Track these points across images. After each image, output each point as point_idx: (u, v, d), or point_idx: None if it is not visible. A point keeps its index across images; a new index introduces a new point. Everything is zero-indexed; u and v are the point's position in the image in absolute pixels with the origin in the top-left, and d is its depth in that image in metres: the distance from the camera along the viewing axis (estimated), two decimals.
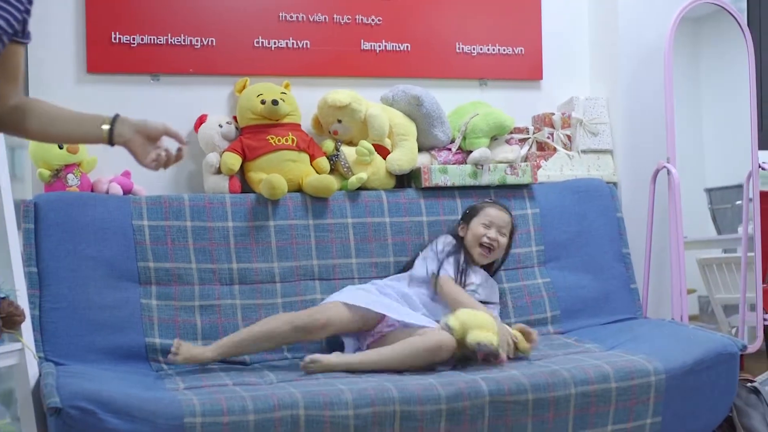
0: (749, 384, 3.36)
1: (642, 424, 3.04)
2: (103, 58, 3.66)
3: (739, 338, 3.65)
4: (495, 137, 3.92)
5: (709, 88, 4.65)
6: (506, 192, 3.87)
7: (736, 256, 4.30)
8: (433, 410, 2.76)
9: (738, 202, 4.35)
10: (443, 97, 3.94)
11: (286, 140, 3.65)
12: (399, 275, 3.56)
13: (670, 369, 3.05)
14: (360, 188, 3.71)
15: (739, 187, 4.25)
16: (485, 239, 3.55)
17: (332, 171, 3.75)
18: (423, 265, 3.51)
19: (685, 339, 3.27)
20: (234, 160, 3.60)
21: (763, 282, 4.18)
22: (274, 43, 3.86)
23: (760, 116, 4.64)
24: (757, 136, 4.11)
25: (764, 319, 4.13)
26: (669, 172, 3.96)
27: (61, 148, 3.43)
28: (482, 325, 3.11)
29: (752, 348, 4.06)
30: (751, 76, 4.10)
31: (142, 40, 3.70)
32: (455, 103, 4.04)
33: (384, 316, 3.27)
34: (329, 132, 3.80)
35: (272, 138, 3.64)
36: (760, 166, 4.12)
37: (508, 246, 3.66)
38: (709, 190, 4.61)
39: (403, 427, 2.74)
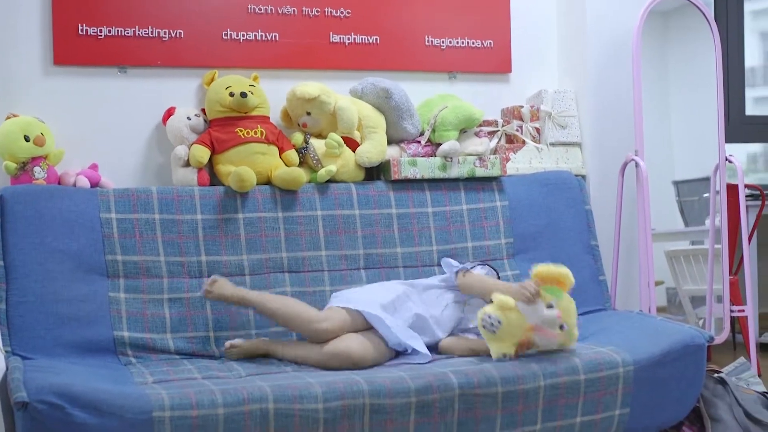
0: (716, 375, 3.38)
1: (610, 416, 3.05)
2: (70, 50, 3.63)
3: (706, 330, 3.67)
4: (464, 130, 3.93)
5: (676, 81, 4.68)
6: (475, 184, 3.87)
7: (704, 248, 4.34)
8: (403, 403, 2.76)
9: (705, 195, 4.38)
10: (412, 90, 3.94)
11: (255, 133, 3.64)
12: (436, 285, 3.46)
13: (638, 360, 3.07)
14: (329, 181, 3.70)
15: (707, 179, 4.28)
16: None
17: (301, 164, 3.74)
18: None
19: (652, 331, 3.29)
20: (203, 153, 3.58)
21: (730, 274, 4.21)
22: (243, 36, 3.84)
23: (727, 109, 4.69)
24: (724, 128, 4.14)
25: (731, 311, 4.16)
26: (637, 164, 3.98)
27: (27, 140, 3.40)
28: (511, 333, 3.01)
29: (719, 339, 4.09)
30: (717, 69, 4.13)
31: (110, 32, 3.67)
32: (424, 95, 4.04)
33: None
34: (298, 125, 3.79)
35: (241, 131, 3.63)
36: (726, 159, 4.15)
37: None
38: (676, 183, 4.65)
39: (373, 420, 2.74)
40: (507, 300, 2.98)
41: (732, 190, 4.24)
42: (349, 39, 4.00)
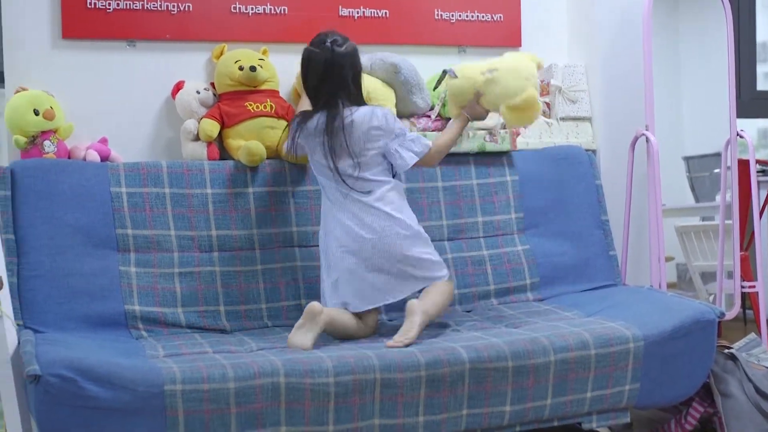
0: (726, 351, 3.38)
1: (620, 391, 3.05)
2: (79, 23, 3.62)
3: (716, 305, 3.66)
4: None
5: (687, 55, 4.66)
6: (485, 159, 3.86)
7: (714, 224, 4.33)
8: (413, 377, 2.76)
9: (716, 170, 4.37)
10: (422, 64, 3.92)
11: (265, 107, 3.63)
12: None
13: (649, 336, 3.07)
14: None
15: (717, 155, 4.27)
16: None
17: None
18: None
19: (663, 306, 3.29)
20: (212, 127, 3.57)
21: (741, 249, 4.20)
22: (252, 9, 3.82)
23: (738, 84, 4.65)
24: (735, 104, 4.12)
25: (741, 287, 4.15)
26: (648, 139, 3.97)
27: (37, 114, 3.39)
28: None
29: (729, 315, 4.09)
30: (729, 43, 4.10)
31: (118, 5, 3.66)
32: (434, 69, 4.02)
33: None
34: None
35: (250, 104, 3.62)
36: (738, 134, 4.13)
37: None
38: (687, 158, 4.63)
39: (383, 394, 2.75)
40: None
41: (743, 165, 4.23)
42: (358, 13, 3.98)
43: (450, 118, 3.82)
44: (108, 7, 3.64)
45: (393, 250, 3.21)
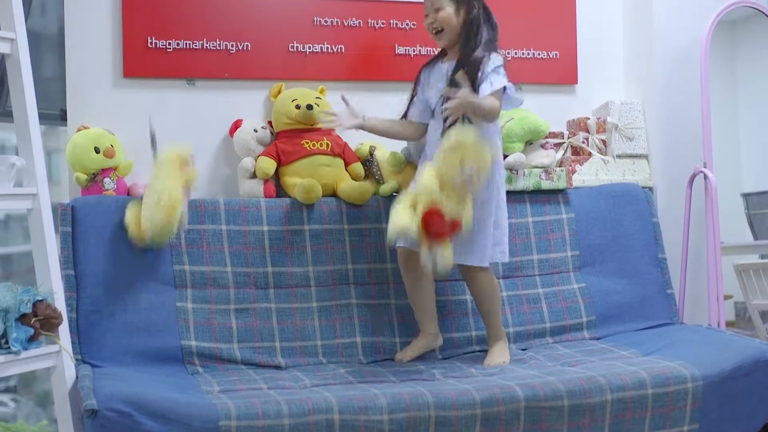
0: None
1: (679, 431, 3.01)
2: (140, 62, 3.68)
3: None
4: (530, 142, 3.91)
5: (745, 91, 4.61)
6: (541, 197, 3.85)
7: None
8: (468, 415, 2.75)
9: None
10: None
11: (321, 145, 3.66)
12: None
13: (708, 375, 3.03)
14: (395, 193, 3.70)
15: None
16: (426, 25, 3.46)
17: (366, 175, 3.75)
18: None
19: (722, 345, 3.25)
20: (269, 165, 3.61)
21: None
22: (309, 48, 3.86)
23: None
24: None
25: None
26: (706, 176, 3.93)
27: (98, 152, 3.45)
28: None
29: None
30: None
31: (178, 45, 3.72)
32: None
33: None
34: None
35: (307, 143, 3.65)
36: None
37: (464, 15, 3.39)
38: (745, 195, 4.57)
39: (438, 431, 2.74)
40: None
41: None
42: (414, 51, 4.00)
43: (505, 156, 3.82)
44: (168, 46, 3.71)
45: None
